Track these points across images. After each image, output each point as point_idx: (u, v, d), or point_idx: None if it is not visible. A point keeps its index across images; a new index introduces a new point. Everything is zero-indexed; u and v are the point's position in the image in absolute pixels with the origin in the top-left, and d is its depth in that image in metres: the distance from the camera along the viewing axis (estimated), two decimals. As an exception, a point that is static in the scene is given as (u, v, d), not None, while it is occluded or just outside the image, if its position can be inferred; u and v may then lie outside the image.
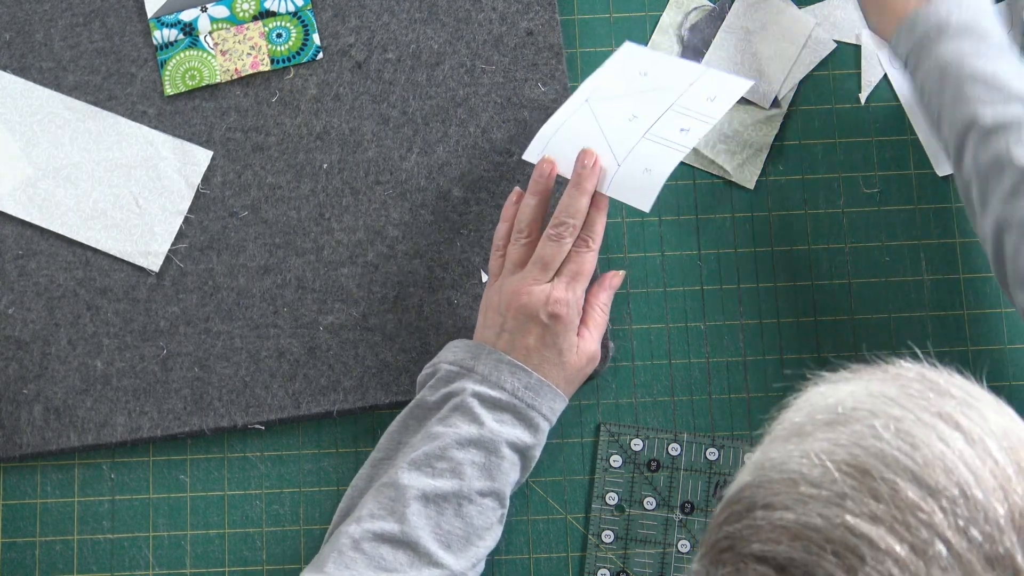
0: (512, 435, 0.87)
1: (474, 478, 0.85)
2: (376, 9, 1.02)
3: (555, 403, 0.89)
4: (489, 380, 0.88)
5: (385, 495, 0.85)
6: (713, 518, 0.60)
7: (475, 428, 0.86)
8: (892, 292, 1.00)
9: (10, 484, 0.98)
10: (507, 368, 0.88)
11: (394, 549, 0.83)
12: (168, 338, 0.98)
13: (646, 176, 0.90)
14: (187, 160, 1.00)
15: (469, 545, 0.85)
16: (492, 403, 0.87)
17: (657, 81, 0.95)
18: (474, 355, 0.90)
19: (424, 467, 0.85)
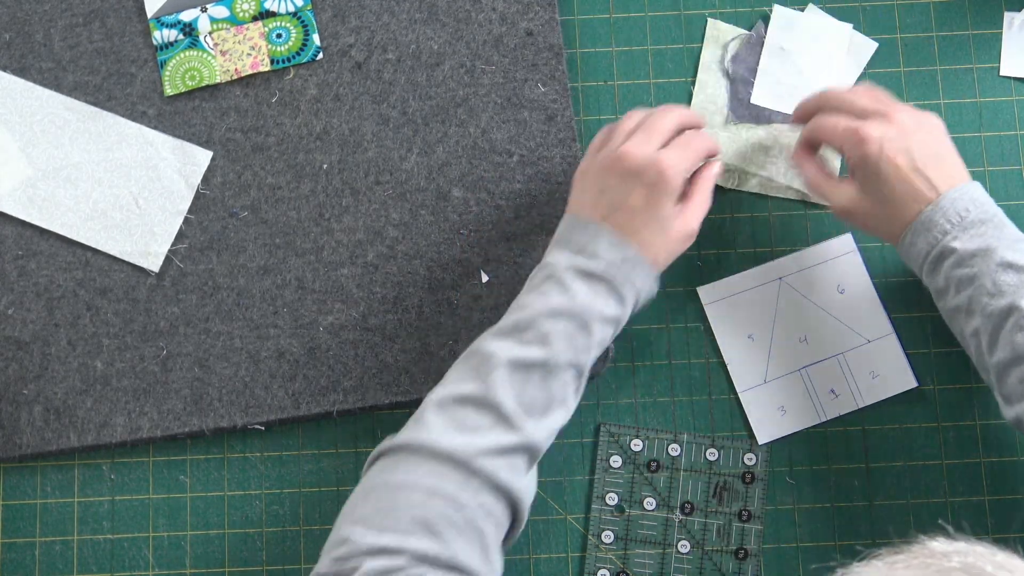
0: (603, 309, 0.85)
1: (561, 350, 0.84)
2: (376, 9, 1.02)
3: (647, 283, 0.87)
4: (585, 251, 0.86)
5: (470, 362, 0.85)
6: None
7: (566, 299, 0.85)
8: (892, 292, 1.00)
9: (10, 484, 0.98)
10: (605, 239, 0.86)
11: (477, 410, 0.82)
12: (168, 338, 0.98)
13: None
14: (187, 160, 1.00)
15: (547, 415, 0.84)
16: (586, 274, 0.85)
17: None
18: (570, 226, 0.88)
19: (512, 335, 0.85)
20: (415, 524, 0.78)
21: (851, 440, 0.98)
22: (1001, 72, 1.03)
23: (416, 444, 0.81)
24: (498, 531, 0.82)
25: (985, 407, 0.98)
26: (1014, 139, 1.02)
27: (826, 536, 0.97)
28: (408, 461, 0.81)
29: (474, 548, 0.79)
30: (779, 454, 0.98)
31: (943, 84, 1.03)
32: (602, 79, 1.03)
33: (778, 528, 0.97)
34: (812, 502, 0.97)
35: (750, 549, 0.96)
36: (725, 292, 1.00)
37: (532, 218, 0.99)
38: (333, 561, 0.79)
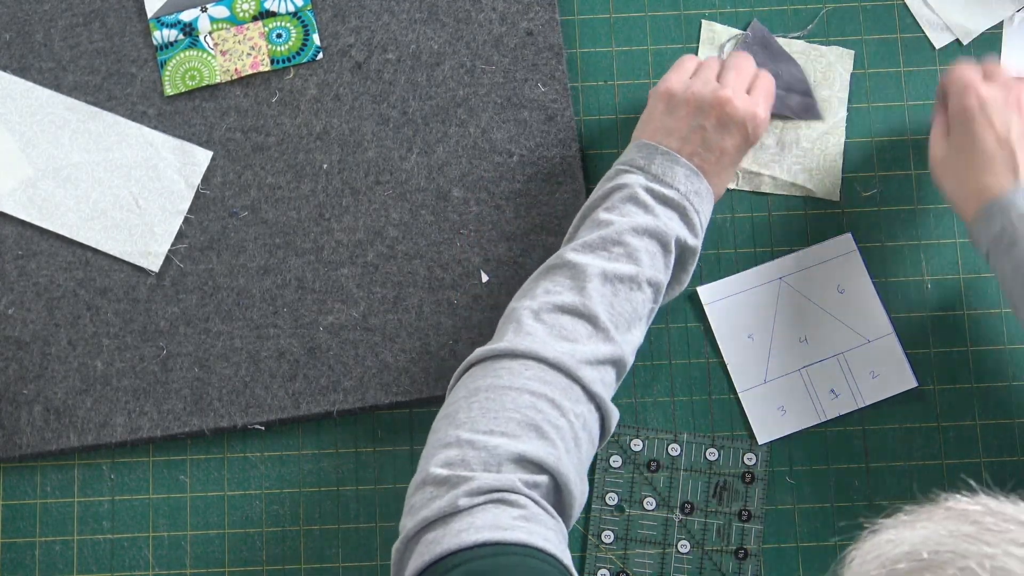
0: (679, 231, 0.88)
1: (647, 266, 0.86)
2: (376, 9, 1.02)
3: (709, 213, 0.91)
4: (662, 179, 0.88)
5: (562, 273, 0.85)
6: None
7: (651, 218, 0.87)
8: (892, 292, 1.00)
9: (10, 484, 0.98)
10: (682, 170, 0.89)
11: (574, 319, 0.83)
12: (168, 338, 0.98)
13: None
14: (187, 160, 1.00)
15: (632, 330, 0.86)
16: (663, 199, 0.88)
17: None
18: (647, 156, 0.90)
19: (600, 250, 0.86)
20: (524, 427, 0.78)
21: (851, 440, 0.98)
22: (1001, 72, 1.03)
23: (520, 350, 0.81)
24: (591, 447, 0.82)
25: (985, 407, 0.98)
26: (1014, 139, 1.02)
27: (826, 536, 0.97)
28: (512, 366, 0.81)
29: (573, 459, 0.80)
30: (779, 454, 0.98)
31: (943, 84, 1.03)
32: (602, 79, 1.03)
33: (778, 528, 0.97)
34: (812, 502, 0.97)
35: (750, 549, 0.96)
36: (725, 292, 1.00)
37: (532, 218, 0.99)
38: (444, 464, 0.77)
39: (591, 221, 0.88)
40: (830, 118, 1.02)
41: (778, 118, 1.01)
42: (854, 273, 0.99)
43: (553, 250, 0.98)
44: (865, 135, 1.02)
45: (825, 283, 0.99)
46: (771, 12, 1.04)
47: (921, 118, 1.02)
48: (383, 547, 0.97)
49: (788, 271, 0.99)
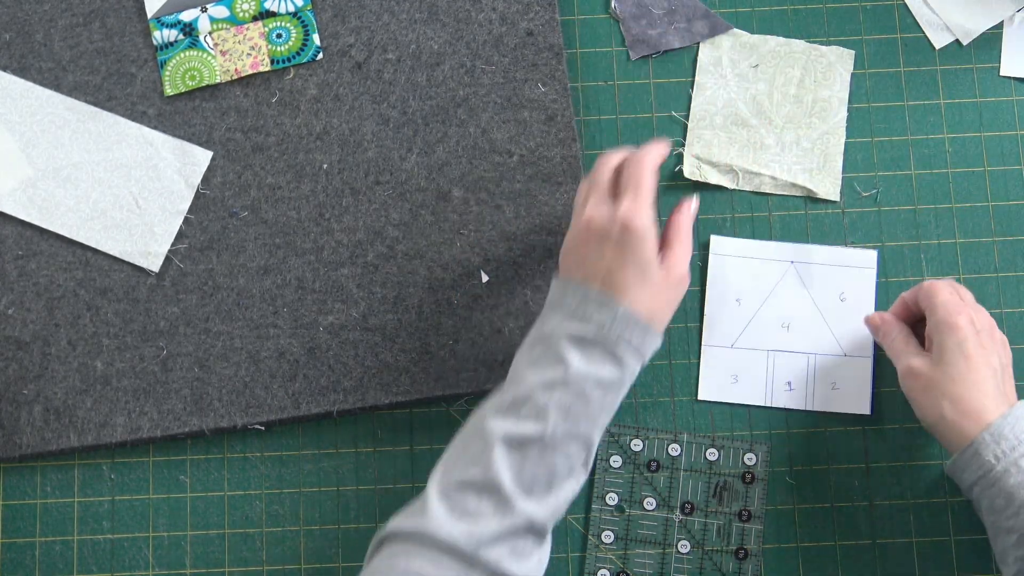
0: (599, 373, 0.83)
1: (558, 422, 0.82)
2: (376, 9, 1.02)
3: (645, 337, 0.85)
4: (576, 314, 0.84)
5: (470, 443, 0.84)
6: None
7: (560, 369, 0.83)
8: (892, 292, 1.00)
9: (10, 484, 0.98)
10: (594, 301, 0.84)
11: (478, 495, 0.81)
12: (168, 338, 0.98)
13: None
14: (187, 160, 1.00)
15: (551, 491, 0.82)
16: (579, 339, 0.84)
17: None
18: (561, 289, 0.87)
19: (509, 411, 0.83)
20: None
21: (851, 440, 0.98)
22: (1001, 72, 1.03)
23: (418, 533, 0.80)
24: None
25: (985, 407, 0.98)
26: (1014, 139, 1.02)
27: (826, 536, 0.97)
28: (410, 552, 0.80)
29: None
30: (779, 454, 0.98)
31: (943, 84, 1.03)
32: (602, 79, 1.03)
33: (778, 528, 0.97)
34: (812, 502, 0.97)
35: (750, 549, 0.96)
36: (736, 251, 1.00)
37: (532, 218, 0.99)
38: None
39: (512, 373, 0.86)
40: (830, 118, 1.02)
41: (772, 122, 1.01)
42: (862, 289, 0.99)
43: (553, 250, 0.98)
44: (865, 135, 1.02)
45: (831, 285, 0.99)
46: (771, 12, 1.04)
47: (921, 118, 1.02)
48: (383, 547, 0.97)
49: (802, 258, 1.00)
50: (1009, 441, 0.85)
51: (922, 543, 0.96)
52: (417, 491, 0.97)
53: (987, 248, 1.00)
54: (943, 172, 1.02)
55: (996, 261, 1.00)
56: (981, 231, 1.01)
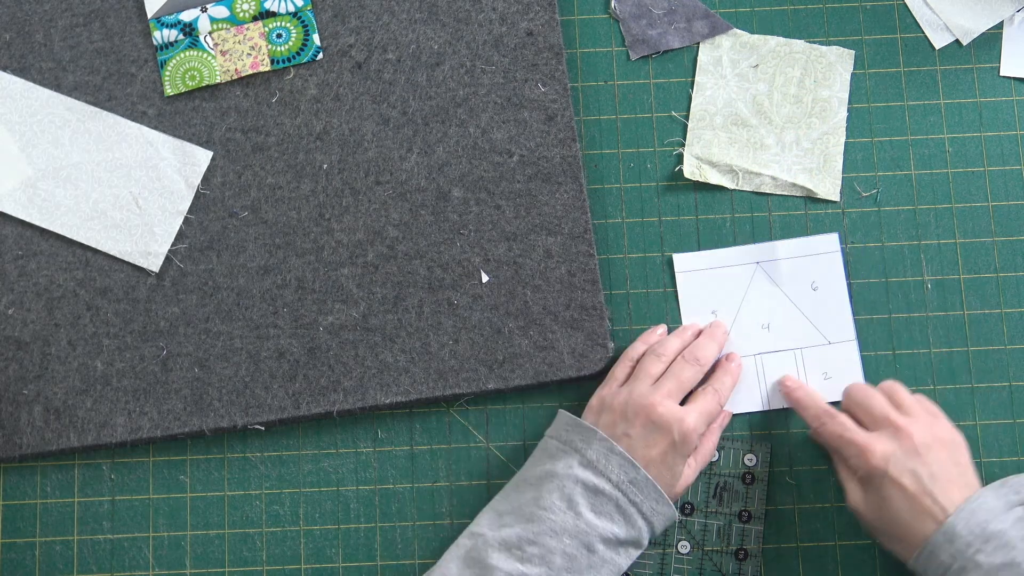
0: (609, 530, 0.86)
1: (562, 569, 0.84)
2: (376, 9, 1.02)
3: (659, 506, 0.88)
4: (595, 467, 0.87)
5: (472, 573, 0.85)
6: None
7: (571, 517, 0.85)
8: (892, 292, 1.00)
9: (10, 484, 0.98)
10: (617, 459, 0.87)
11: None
12: (168, 338, 0.98)
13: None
14: (187, 160, 1.00)
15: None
16: (594, 491, 0.86)
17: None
18: (585, 438, 0.89)
19: (515, 550, 0.84)
20: None
21: (851, 440, 0.98)
22: (1001, 72, 1.03)
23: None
24: None
25: (985, 407, 0.98)
26: (1014, 139, 1.02)
27: (826, 536, 0.96)
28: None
29: None
30: (779, 454, 0.97)
31: (943, 84, 1.03)
32: (602, 79, 1.03)
33: (778, 528, 0.97)
34: (812, 502, 0.97)
35: (750, 550, 0.96)
36: (700, 264, 1.00)
37: (532, 218, 0.99)
38: None
39: (519, 510, 0.87)
40: (830, 118, 1.02)
41: (771, 123, 1.01)
42: (831, 274, 0.99)
43: (553, 250, 0.98)
44: (865, 135, 1.02)
45: (801, 277, 0.99)
46: (771, 12, 1.04)
47: (921, 118, 1.02)
48: (383, 547, 0.97)
49: (767, 257, 1.00)
50: (964, 539, 0.83)
51: (922, 543, 0.96)
52: (417, 491, 0.97)
53: (987, 248, 1.00)
54: (943, 172, 1.02)
55: (996, 261, 1.00)
56: (981, 231, 1.01)
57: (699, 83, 1.02)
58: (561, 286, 0.98)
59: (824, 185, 1.01)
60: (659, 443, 0.88)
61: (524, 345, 0.97)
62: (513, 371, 0.97)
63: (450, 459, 0.98)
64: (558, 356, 0.97)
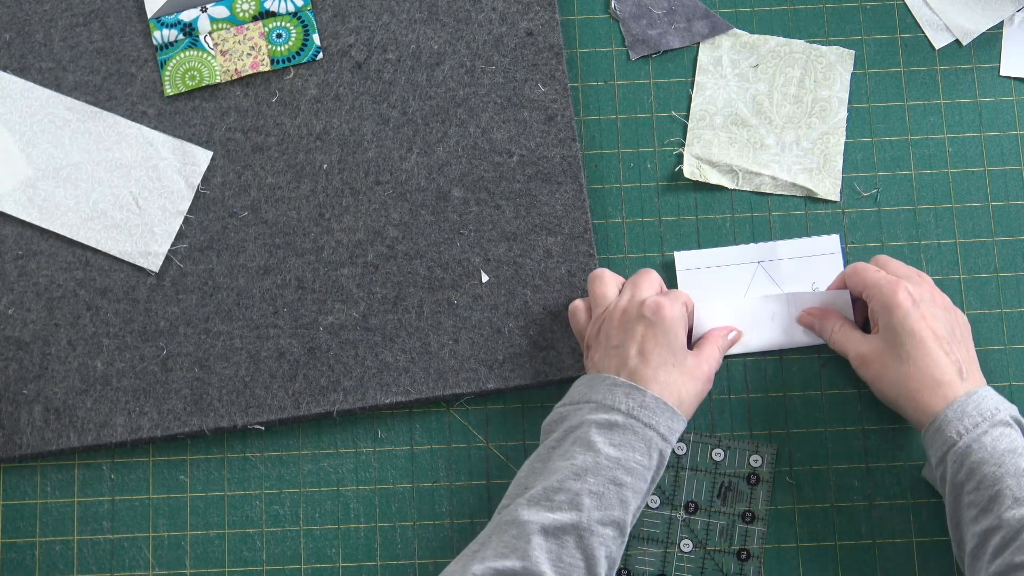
0: (630, 459, 0.85)
1: (592, 508, 0.83)
2: (376, 9, 1.02)
3: (673, 422, 0.87)
4: (604, 404, 0.87)
5: (507, 533, 0.84)
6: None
7: (591, 456, 0.85)
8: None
9: (10, 484, 0.98)
10: (621, 389, 0.87)
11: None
12: (168, 338, 0.98)
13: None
14: (187, 160, 1.00)
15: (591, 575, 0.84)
16: (608, 426, 0.86)
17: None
18: (589, 385, 0.89)
19: (543, 501, 0.84)
20: None
21: (851, 440, 0.98)
22: (1001, 72, 1.03)
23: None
24: None
25: (985, 407, 0.98)
26: (1014, 139, 1.02)
27: (826, 536, 0.96)
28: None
29: None
30: (780, 454, 0.97)
31: (943, 84, 1.03)
32: (602, 79, 1.03)
33: (778, 528, 0.97)
34: (812, 502, 0.97)
35: (752, 550, 0.96)
36: (700, 263, 1.00)
37: (532, 218, 0.99)
38: None
39: (545, 469, 0.87)
40: (830, 118, 1.02)
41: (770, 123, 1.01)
42: (832, 274, 0.99)
43: (553, 250, 0.98)
44: (865, 135, 1.02)
45: (801, 278, 0.99)
46: (771, 12, 1.04)
47: (921, 118, 1.02)
48: (383, 547, 0.97)
49: (768, 257, 1.00)
50: (972, 418, 0.86)
51: (922, 543, 0.96)
52: (417, 491, 0.97)
53: (987, 248, 1.00)
54: (943, 172, 1.02)
55: (996, 261, 1.00)
56: (981, 231, 1.01)
57: (699, 83, 1.03)
58: (561, 286, 0.98)
59: (824, 185, 1.01)
60: (638, 331, 0.88)
61: (524, 345, 0.97)
62: (513, 371, 0.97)
63: (450, 459, 0.98)
64: (558, 356, 0.97)
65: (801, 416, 0.98)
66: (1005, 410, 0.86)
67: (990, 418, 0.85)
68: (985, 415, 0.86)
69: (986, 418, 0.85)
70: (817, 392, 0.98)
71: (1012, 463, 0.84)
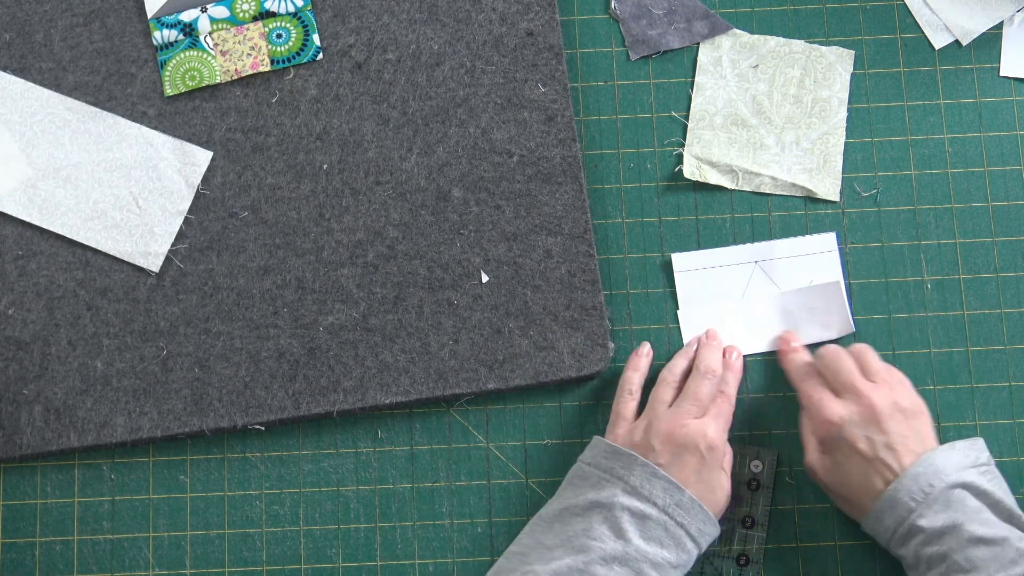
0: (658, 555, 0.86)
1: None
2: (376, 9, 1.02)
3: (706, 526, 0.88)
4: (640, 493, 0.87)
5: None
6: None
7: (620, 545, 0.85)
8: (892, 292, 1.00)
9: (10, 484, 0.98)
10: (660, 483, 0.87)
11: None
12: (168, 338, 0.98)
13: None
14: (187, 160, 1.00)
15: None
16: (641, 517, 0.86)
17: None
18: (626, 464, 0.89)
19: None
20: None
21: (851, 440, 0.98)
22: (1001, 72, 1.03)
23: None
24: None
25: (985, 407, 0.98)
26: (1014, 139, 1.02)
27: (826, 536, 0.96)
28: None
29: None
30: (780, 454, 0.97)
31: (943, 84, 1.03)
32: (602, 79, 1.03)
33: (778, 529, 0.97)
34: (812, 502, 0.97)
35: (751, 555, 0.96)
36: (698, 264, 1.00)
37: (532, 218, 0.99)
38: None
39: (567, 541, 0.87)
40: (830, 118, 1.02)
41: (771, 123, 1.01)
42: (830, 272, 0.99)
43: (553, 250, 0.98)
44: (865, 135, 1.02)
45: (799, 276, 0.99)
46: (771, 12, 1.04)
47: (921, 118, 1.02)
48: (383, 547, 0.97)
49: (764, 256, 1.00)
50: (906, 504, 0.86)
51: (922, 543, 0.96)
52: (417, 491, 0.97)
53: (987, 248, 1.00)
54: (943, 172, 1.02)
55: (996, 261, 1.00)
56: (981, 231, 1.01)
57: (699, 83, 1.03)
58: (561, 286, 0.98)
59: (824, 185, 1.01)
60: (690, 462, 0.89)
61: (524, 345, 0.97)
62: (513, 371, 0.97)
63: (450, 459, 0.98)
64: (558, 356, 0.97)
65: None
66: (940, 482, 0.86)
67: (924, 498, 0.86)
68: (918, 497, 0.86)
69: (919, 500, 0.86)
70: (817, 392, 0.98)
71: (954, 538, 0.84)
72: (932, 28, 1.03)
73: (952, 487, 0.86)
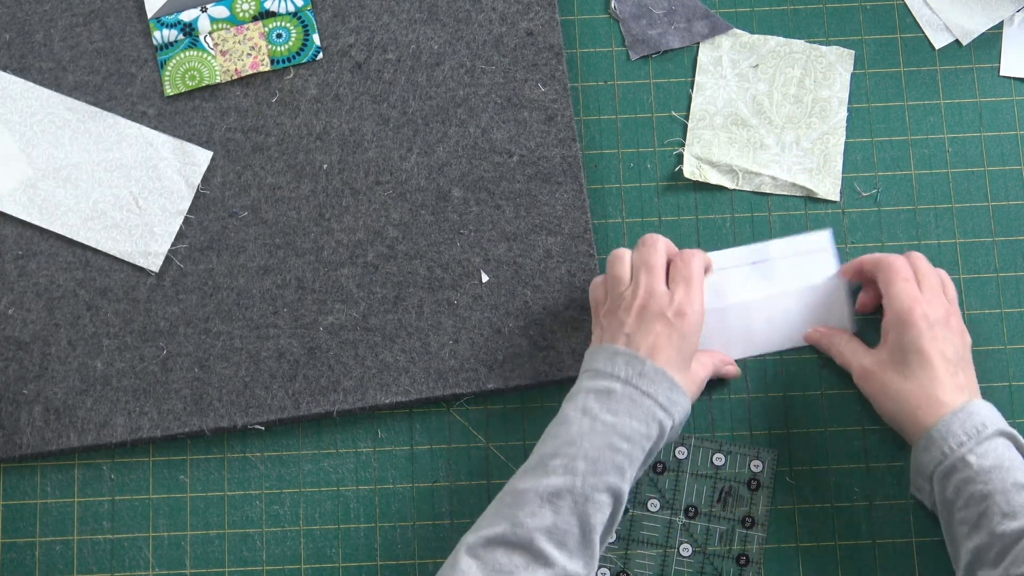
0: (627, 426, 0.84)
1: (587, 473, 0.83)
2: (376, 9, 1.02)
3: (674, 394, 0.87)
4: (603, 372, 0.86)
5: (502, 502, 0.84)
6: None
7: (587, 421, 0.84)
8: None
9: (10, 484, 0.98)
10: (622, 358, 0.86)
11: (508, 552, 0.81)
12: (168, 338, 0.98)
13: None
14: (187, 160, 1.00)
15: (584, 543, 0.83)
16: (606, 393, 0.85)
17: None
18: (592, 355, 0.89)
19: (538, 468, 0.84)
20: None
21: (851, 440, 0.98)
22: (1001, 72, 1.03)
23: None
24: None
25: (985, 407, 0.98)
26: (1014, 139, 1.02)
27: (826, 536, 0.96)
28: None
29: None
30: (780, 454, 0.97)
31: (943, 84, 1.03)
32: (602, 79, 1.03)
33: (778, 529, 0.97)
34: (812, 502, 0.97)
35: (751, 555, 0.96)
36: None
37: (532, 218, 0.99)
38: None
39: (542, 442, 0.87)
40: (830, 118, 1.02)
41: (771, 122, 1.01)
42: (827, 270, 0.99)
43: (553, 250, 0.98)
44: (865, 135, 1.02)
45: (796, 275, 0.99)
46: (771, 12, 1.04)
47: (921, 118, 1.02)
48: (383, 547, 0.97)
49: (761, 257, 0.99)
50: (957, 437, 0.86)
51: (922, 543, 0.96)
52: (417, 491, 0.97)
53: (987, 248, 1.00)
54: (943, 172, 1.02)
55: (996, 261, 1.00)
56: (981, 231, 1.01)
57: (699, 83, 1.03)
58: (561, 286, 0.98)
59: (824, 185, 1.01)
60: (656, 328, 0.88)
61: (524, 345, 0.97)
62: (513, 371, 0.97)
63: (450, 459, 0.98)
64: (558, 356, 0.97)
65: (801, 416, 0.98)
66: (992, 425, 0.87)
67: (976, 436, 0.86)
68: (971, 433, 0.86)
69: (971, 436, 0.86)
70: (817, 392, 0.98)
71: (999, 479, 0.84)
72: (932, 28, 1.03)
73: (999, 434, 0.86)
